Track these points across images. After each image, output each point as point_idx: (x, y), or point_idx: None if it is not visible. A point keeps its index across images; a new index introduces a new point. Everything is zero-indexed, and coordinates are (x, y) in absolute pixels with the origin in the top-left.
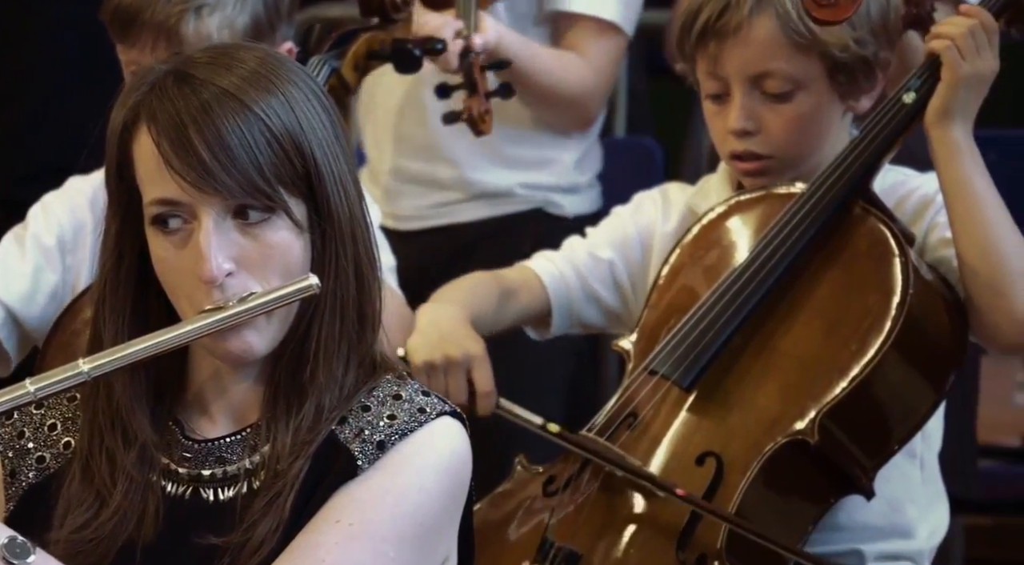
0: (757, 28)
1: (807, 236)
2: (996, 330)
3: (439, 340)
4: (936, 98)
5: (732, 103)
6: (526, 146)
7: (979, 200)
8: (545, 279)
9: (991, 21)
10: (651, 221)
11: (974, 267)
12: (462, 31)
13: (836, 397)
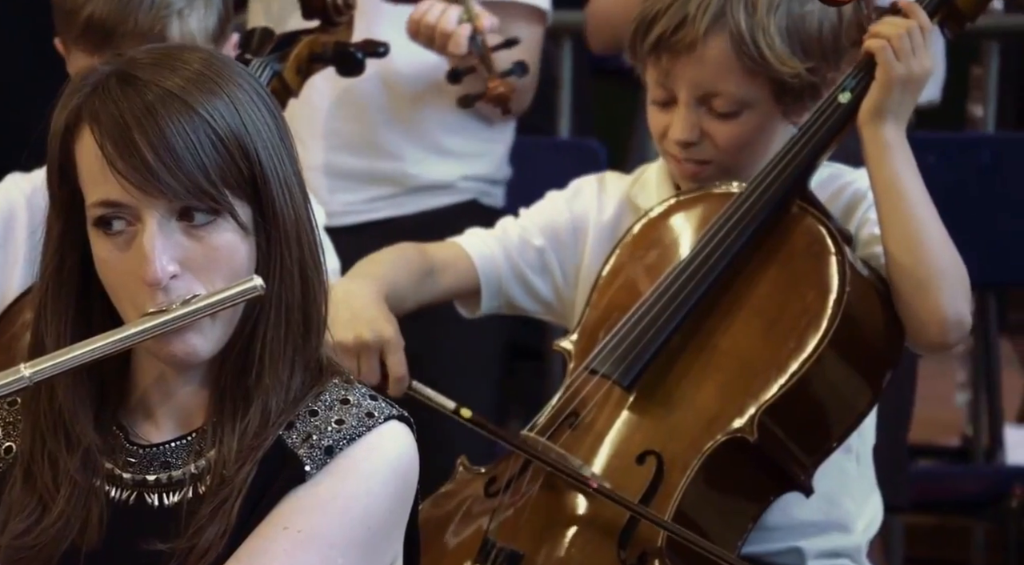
0: (711, 48)
1: (745, 235)
2: (921, 328)
3: (351, 320)
4: (870, 97)
5: (677, 113)
6: (463, 137)
7: (908, 199)
8: (475, 257)
9: (927, 22)
10: (587, 210)
11: (901, 265)
12: (463, 16)
13: (775, 395)
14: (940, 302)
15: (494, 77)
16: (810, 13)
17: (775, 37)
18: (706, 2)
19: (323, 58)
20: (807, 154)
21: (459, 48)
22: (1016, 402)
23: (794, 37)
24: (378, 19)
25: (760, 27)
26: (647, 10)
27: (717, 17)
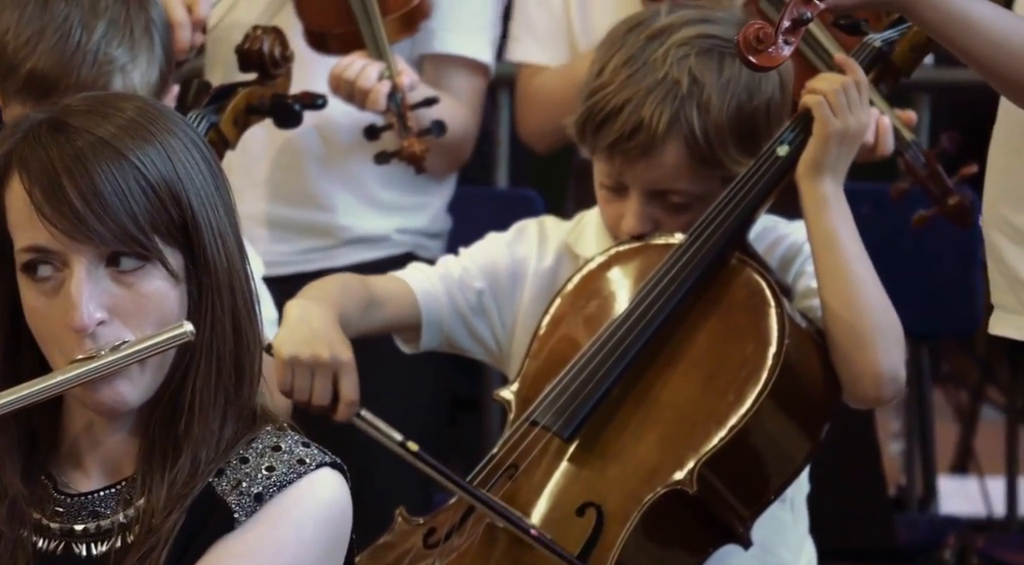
0: (667, 154)
1: (685, 287)
2: (856, 383)
3: (310, 337)
4: (807, 152)
5: (630, 206)
6: (399, 190)
7: (845, 255)
8: (417, 293)
9: (863, 77)
10: (527, 255)
11: (837, 319)
12: (384, 72)
13: (714, 447)
14: (875, 357)
15: (410, 136)
16: (759, 104)
17: (728, 137)
18: (660, 106)
19: (260, 110)
20: (746, 207)
21: (377, 105)
22: (949, 452)
23: (745, 133)
24: (316, 71)
25: (714, 128)
26: (596, 107)
27: (672, 122)
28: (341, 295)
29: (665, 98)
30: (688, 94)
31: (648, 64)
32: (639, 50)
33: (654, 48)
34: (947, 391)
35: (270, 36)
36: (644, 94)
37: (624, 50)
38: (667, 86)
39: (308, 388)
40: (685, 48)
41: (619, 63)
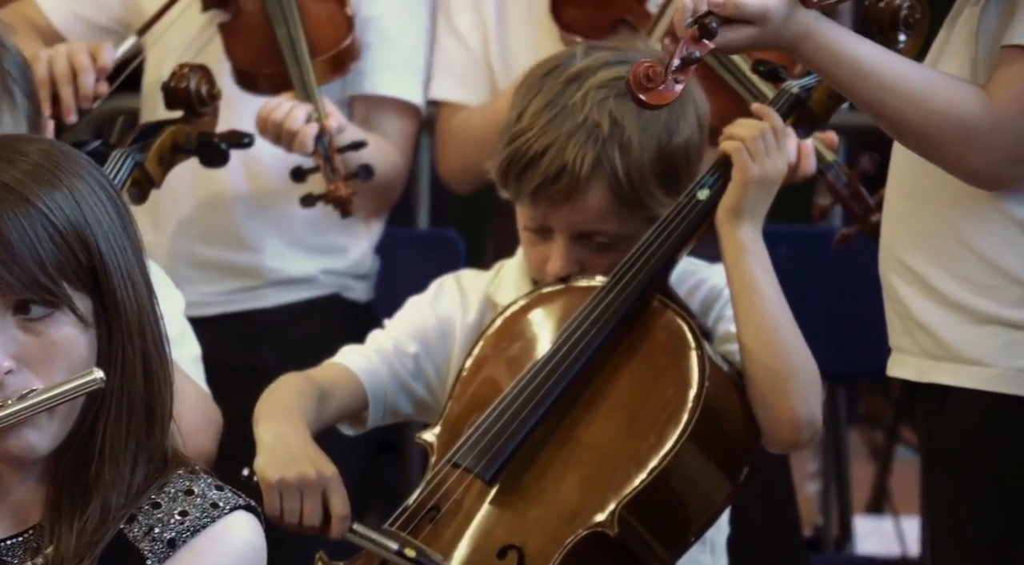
0: (591, 196)
1: (607, 329)
2: (773, 427)
3: (291, 459)
4: (727, 197)
5: (555, 249)
6: (326, 231)
7: (763, 299)
8: (360, 375)
9: (780, 124)
10: (451, 312)
11: (756, 364)
12: (312, 114)
13: (635, 489)
14: (793, 402)
15: (337, 179)
16: (678, 144)
17: (650, 178)
18: (583, 149)
19: (186, 149)
20: (667, 250)
21: (304, 148)
22: (866, 492)
23: (667, 173)
24: (244, 110)
25: (636, 169)
26: (518, 153)
27: (595, 165)
28: (299, 401)
29: (587, 141)
30: (609, 136)
31: (568, 108)
32: (558, 94)
33: (573, 91)
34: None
35: (197, 74)
36: (566, 138)
37: (543, 94)
38: (588, 129)
39: (298, 510)
40: (604, 90)
41: (539, 108)
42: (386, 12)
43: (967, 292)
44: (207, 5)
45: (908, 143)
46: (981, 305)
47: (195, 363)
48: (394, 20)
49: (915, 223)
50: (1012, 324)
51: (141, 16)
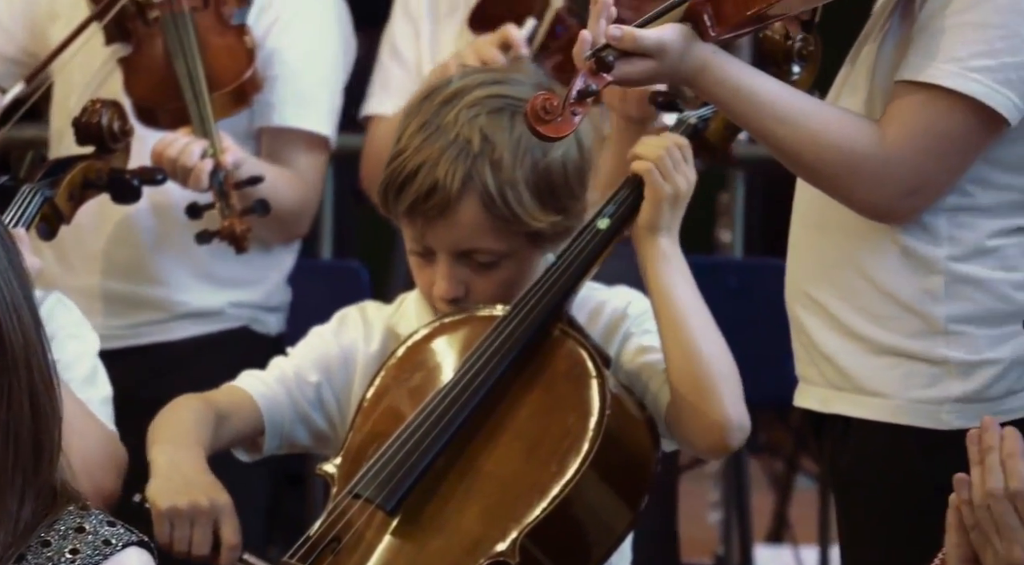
0: (462, 213)
1: (508, 359)
2: (704, 433)
3: (184, 486)
4: (643, 215)
5: (439, 270)
6: (235, 264)
7: (685, 307)
8: (258, 400)
9: (682, 140)
10: (354, 341)
11: (682, 372)
12: (208, 150)
13: (536, 518)
14: (723, 406)
15: (232, 215)
16: (554, 160)
17: (524, 193)
18: (454, 166)
19: (97, 185)
20: (567, 280)
21: (199, 184)
22: (766, 521)
23: (543, 189)
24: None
25: (509, 185)
26: (394, 172)
27: (466, 181)
28: (196, 426)
29: (457, 157)
30: (480, 152)
31: (441, 127)
32: (433, 114)
33: (447, 111)
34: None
35: (109, 110)
36: (438, 155)
37: (420, 116)
38: (459, 146)
39: (188, 538)
40: (476, 108)
41: (415, 129)
42: (293, 44)
43: (867, 323)
44: (110, 39)
45: (804, 176)
46: (880, 336)
47: (105, 404)
48: (301, 52)
49: (817, 254)
50: (910, 355)
51: (48, 47)
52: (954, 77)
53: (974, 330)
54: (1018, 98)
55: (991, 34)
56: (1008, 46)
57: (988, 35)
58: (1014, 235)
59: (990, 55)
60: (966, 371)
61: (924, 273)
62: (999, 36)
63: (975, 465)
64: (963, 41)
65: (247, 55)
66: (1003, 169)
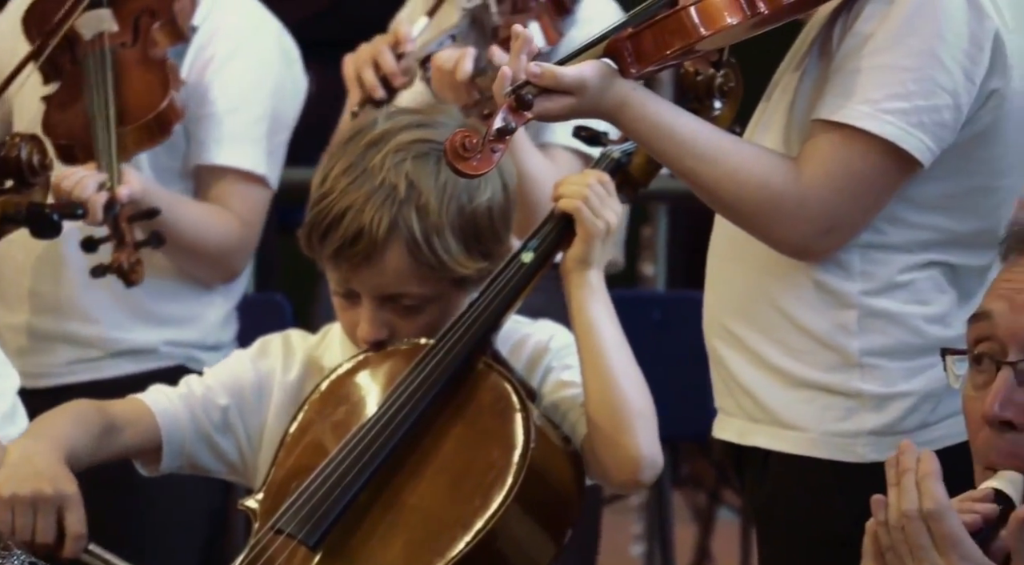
0: (388, 259)
1: (432, 392)
2: (618, 467)
3: (32, 475)
4: (574, 250)
5: (363, 313)
6: (173, 302)
7: (608, 342)
8: (158, 415)
9: (604, 175)
10: (272, 369)
11: (600, 405)
12: (105, 183)
13: (460, 552)
14: (637, 441)
15: (124, 248)
16: (480, 205)
17: (450, 240)
18: (380, 212)
19: (16, 219)
20: (492, 313)
21: (93, 217)
22: (688, 553)
23: (469, 235)
24: None
25: (435, 231)
26: (320, 216)
27: (392, 227)
28: (72, 427)
29: (384, 203)
30: (406, 198)
31: (367, 171)
32: (358, 157)
33: (372, 154)
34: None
35: (28, 144)
36: (364, 200)
37: (345, 158)
38: (385, 191)
39: (31, 526)
40: (402, 153)
41: (340, 171)
42: (229, 82)
43: (783, 356)
44: (46, 78)
45: (722, 212)
46: (796, 369)
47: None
48: (237, 90)
49: (733, 288)
50: (825, 388)
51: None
52: (868, 118)
53: (887, 363)
54: (931, 140)
55: (905, 77)
56: (921, 89)
57: (902, 78)
58: (926, 269)
59: (904, 98)
60: (879, 404)
61: (838, 307)
62: (912, 79)
63: (892, 486)
64: (878, 83)
65: (163, 87)
66: (916, 208)
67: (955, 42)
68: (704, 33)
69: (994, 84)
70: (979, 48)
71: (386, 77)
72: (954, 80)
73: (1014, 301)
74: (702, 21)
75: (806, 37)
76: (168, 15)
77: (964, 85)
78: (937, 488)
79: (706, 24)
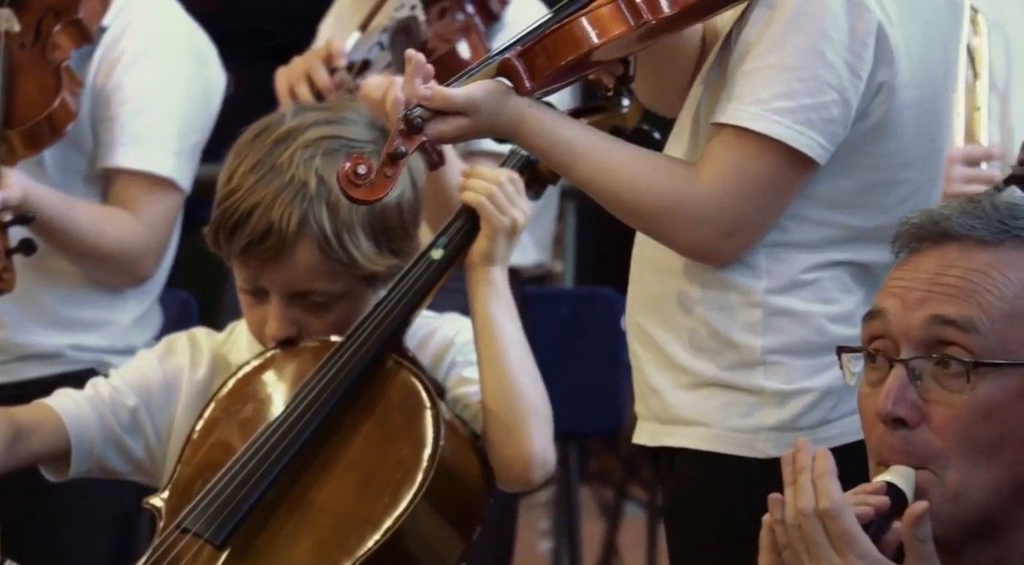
0: (298, 256)
1: (341, 390)
2: (509, 466)
3: None
4: (479, 246)
5: (271, 311)
6: (81, 307)
7: (508, 340)
8: (65, 419)
9: (515, 173)
10: (179, 367)
11: (495, 402)
12: None
13: (369, 550)
14: (530, 442)
15: None
16: (389, 203)
17: (360, 235)
18: (289, 209)
19: None
20: (402, 309)
21: None
22: (596, 549)
23: (379, 231)
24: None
25: (345, 228)
26: (227, 213)
27: (302, 224)
28: None
29: (294, 199)
30: (316, 194)
31: (276, 167)
32: (266, 154)
33: (280, 151)
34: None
35: None
36: (272, 197)
37: (252, 155)
38: (295, 188)
39: None
40: (311, 149)
41: (247, 168)
42: (136, 82)
43: (688, 355)
44: None
45: (626, 220)
46: (701, 368)
47: None
48: (144, 91)
49: (647, 288)
50: (729, 385)
51: None
52: (757, 119)
53: (790, 361)
54: (822, 137)
55: (790, 76)
56: (806, 87)
57: (787, 77)
58: (830, 269)
59: (789, 97)
60: (781, 400)
61: (744, 306)
62: (797, 78)
63: (788, 485)
64: (765, 83)
65: (56, 89)
66: (819, 205)
67: (838, 38)
68: (595, 43)
69: (881, 77)
70: (862, 43)
71: (320, 93)
72: (839, 76)
73: (905, 299)
74: (594, 31)
75: (713, 50)
76: (73, 16)
77: (850, 80)
78: (833, 487)
79: (597, 35)
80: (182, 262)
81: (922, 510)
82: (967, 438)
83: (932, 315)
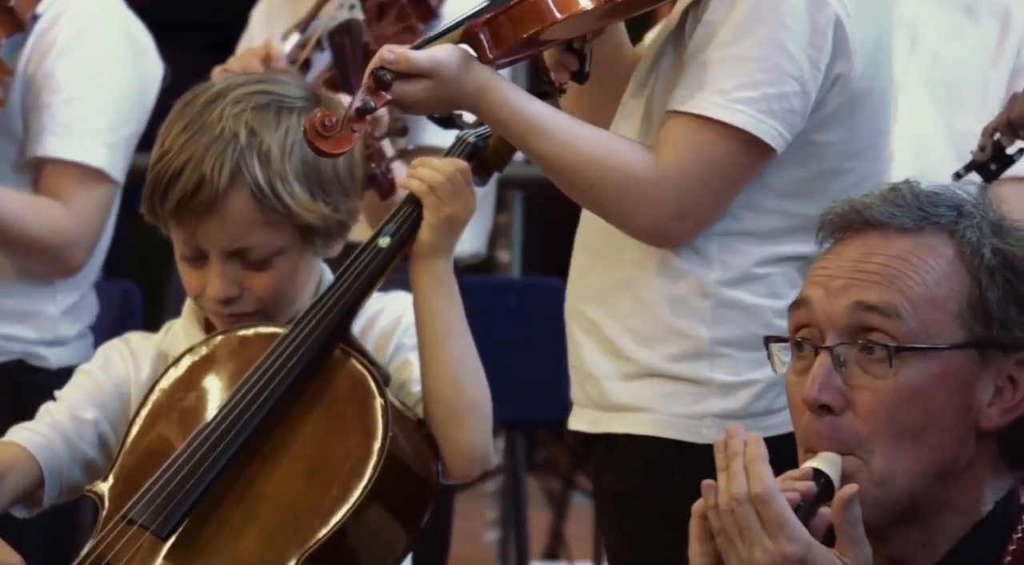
0: (232, 207)
1: (289, 379)
2: (449, 459)
3: None
4: (422, 236)
5: (211, 271)
6: (7, 297)
7: (449, 331)
8: (35, 452)
9: (464, 164)
10: (125, 373)
11: (435, 394)
12: None
13: (318, 541)
14: (469, 435)
15: None
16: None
17: (294, 184)
18: (220, 160)
19: None
20: (350, 298)
21: None
22: (543, 539)
23: (313, 181)
24: None
25: (278, 176)
26: (159, 174)
27: (234, 174)
28: None
29: (224, 151)
30: (248, 145)
31: (206, 125)
32: (197, 115)
33: (211, 110)
34: (540, 479)
35: None
36: (203, 151)
37: (182, 119)
38: (226, 140)
39: None
40: (241, 104)
41: (178, 130)
42: (67, 71)
43: (633, 344)
44: None
45: (578, 198)
46: (645, 358)
47: None
48: (75, 78)
49: (594, 276)
50: (675, 376)
51: None
52: (721, 109)
53: (737, 353)
54: (782, 127)
55: (753, 66)
56: (768, 78)
57: (750, 67)
58: (781, 264)
59: (752, 87)
60: (727, 391)
61: (694, 296)
62: (760, 69)
63: (721, 471)
64: (728, 74)
65: None
66: (772, 194)
67: (799, 30)
68: (559, 16)
69: (838, 69)
70: (821, 35)
71: None
72: (800, 67)
73: (829, 287)
74: (557, 5)
75: (663, 31)
76: (5, 3)
77: (810, 71)
78: (765, 472)
79: (561, 8)
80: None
81: (852, 493)
82: (891, 423)
83: (855, 302)
